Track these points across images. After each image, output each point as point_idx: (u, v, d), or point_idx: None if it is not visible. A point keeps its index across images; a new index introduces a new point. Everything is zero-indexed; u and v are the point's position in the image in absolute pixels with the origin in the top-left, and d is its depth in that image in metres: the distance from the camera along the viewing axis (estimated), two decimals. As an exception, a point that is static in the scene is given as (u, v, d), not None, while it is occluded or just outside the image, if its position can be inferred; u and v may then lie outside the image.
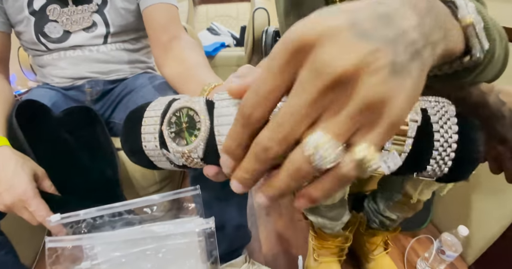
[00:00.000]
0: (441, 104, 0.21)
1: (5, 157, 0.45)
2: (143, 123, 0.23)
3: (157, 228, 0.47)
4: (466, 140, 0.20)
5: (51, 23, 0.62)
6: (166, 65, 0.52)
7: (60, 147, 0.56)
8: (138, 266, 0.50)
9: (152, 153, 0.23)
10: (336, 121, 0.14)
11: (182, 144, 0.22)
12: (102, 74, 0.69)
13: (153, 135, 0.23)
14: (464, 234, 0.70)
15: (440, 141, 0.19)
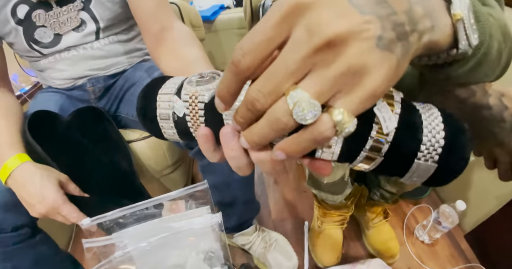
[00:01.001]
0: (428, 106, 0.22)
1: (30, 172, 0.49)
2: (168, 81, 0.25)
3: (175, 224, 0.53)
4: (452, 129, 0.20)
5: (40, 28, 0.61)
6: (162, 59, 0.51)
7: (75, 149, 0.60)
8: (160, 250, 0.57)
9: (163, 98, 0.24)
10: (319, 80, 0.15)
11: (195, 86, 0.23)
12: (101, 70, 0.70)
13: (174, 84, 0.24)
14: (461, 209, 0.74)
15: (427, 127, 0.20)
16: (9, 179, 0.50)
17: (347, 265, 0.79)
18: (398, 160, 0.20)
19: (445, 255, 0.83)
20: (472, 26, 0.23)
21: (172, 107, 0.24)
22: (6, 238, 0.53)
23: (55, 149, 0.54)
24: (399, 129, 0.20)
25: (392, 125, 0.19)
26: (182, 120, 0.24)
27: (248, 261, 0.90)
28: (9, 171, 0.49)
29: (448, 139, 0.20)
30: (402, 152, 0.20)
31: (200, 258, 0.62)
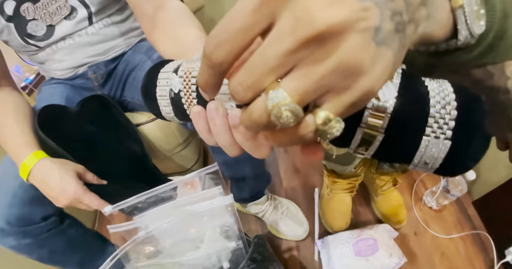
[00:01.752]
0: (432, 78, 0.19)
1: (48, 168, 0.51)
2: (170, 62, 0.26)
3: (190, 207, 0.56)
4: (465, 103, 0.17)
5: (32, 22, 0.58)
6: (159, 43, 0.48)
7: (87, 139, 0.61)
8: (179, 228, 0.62)
9: (162, 76, 0.24)
10: (303, 79, 0.13)
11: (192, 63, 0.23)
12: (100, 55, 0.68)
13: (175, 63, 0.25)
14: (471, 178, 0.74)
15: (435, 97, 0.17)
16: (30, 177, 0.52)
17: (356, 230, 0.84)
18: (403, 138, 0.17)
19: (452, 221, 0.86)
20: (476, 13, 0.20)
21: (170, 84, 0.24)
22: (38, 228, 0.58)
23: (68, 141, 0.56)
24: (400, 100, 0.17)
25: (391, 93, 0.17)
26: (177, 97, 0.24)
27: (261, 227, 0.96)
28: (28, 170, 0.52)
29: (462, 109, 0.16)
30: (406, 128, 0.17)
31: (216, 232, 0.66)
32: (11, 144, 0.54)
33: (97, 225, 1.09)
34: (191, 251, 0.64)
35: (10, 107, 0.57)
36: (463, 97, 0.17)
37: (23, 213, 0.56)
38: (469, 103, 0.17)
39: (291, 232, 0.90)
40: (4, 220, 0.54)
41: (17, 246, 0.57)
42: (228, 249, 0.58)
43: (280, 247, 0.91)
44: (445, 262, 0.80)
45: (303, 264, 0.86)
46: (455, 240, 0.83)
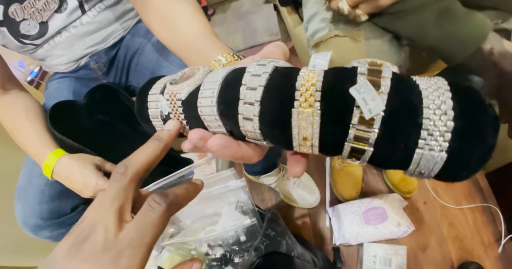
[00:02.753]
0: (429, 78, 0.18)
1: (68, 164, 0.53)
2: (156, 82, 0.27)
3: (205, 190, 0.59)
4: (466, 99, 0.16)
5: (23, 22, 0.55)
6: (155, 29, 0.45)
7: (100, 129, 0.62)
8: (197, 207, 0.66)
9: (151, 98, 0.26)
10: None
11: (174, 84, 0.24)
12: (99, 44, 0.65)
13: (161, 84, 0.26)
14: None
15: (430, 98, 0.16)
16: (54, 175, 0.55)
17: (366, 199, 0.87)
18: (395, 151, 0.17)
19: (463, 192, 0.87)
20: None
21: (160, 106, 0.25)
22: (69, 218, 0.62)
23: (82, 135, 0.57)
24: (389, 111, 0.16)
25: (378, 108, 0.16)
26: (168, 118, 0.25)
27: (274, 196, 1.01)
28: (51, 169, 0.54)
29: (461, 119, 0.15)
30: (397, 141, 0.16)
31: (232, 208, 0.70)
32: (29, 146, 0.56)
33: None
34: (210, 226, 0.69)
35: (21, 110, 0.58)
36: (464, 104, 0.15)
37: (53, 207, 0.60)
38: (470, 111, 0.15)
39: (303, 201, 0.95)
40: (38, 217, 0.59)
41: (53, 236, 0.61)
42: (244, 226, 0.62)
43: (293, 214, 0.96)
44: (453, 231, 0.83)
45: (315, 230, 0.92)
46: (465, 211, 0.85)
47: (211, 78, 0.22)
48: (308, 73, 0.18)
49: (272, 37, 1.47)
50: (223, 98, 0.21)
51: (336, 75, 0.18)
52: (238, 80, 0.20)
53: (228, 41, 1.54)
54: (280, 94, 0.18)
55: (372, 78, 0.16)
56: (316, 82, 0.17)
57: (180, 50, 0.40)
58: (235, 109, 0.20)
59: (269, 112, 0.19)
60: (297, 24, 0.82)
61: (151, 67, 0.65)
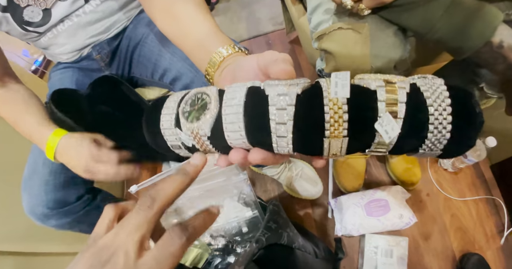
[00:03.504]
0: (429, 78, 0.22)
1: (70, 143, 0.53)
2: (164, 106, 0.26)
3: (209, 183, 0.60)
4: (460, 104, 0.20)
5: (27, 9, 0.55)
6: (158, 20, 0.44)
7: (104, 120, 0.63)
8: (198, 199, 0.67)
9: (167, 133, 0.25)
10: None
11: (192, 122, 0.24)
12: (102, 33, 0.65)
13: (171, 115, 0.25)
14: (491, 145, 0.71)
15: (433, 106, 0.20)
16: (57, 155, 0.55)
17: (368, 191, 0.87)
18: (404, 150, 0.22)
19: (467, 184, 0.87)
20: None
21: (179, 139, 0.25)
22: (74, 207, 0.64)
23: (84, 125, 0.58)
24: (402, 130, 0.20)
25: (395, 133, 0.20)
26: (194, 148, 0.26)
27: (277, 187, 1.02)
28: (53, 149, 0.54)
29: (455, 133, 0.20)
30: (406, 147, 0.22)
31: (234, 200, 0.71)
32: (33, 134, 0.56)
33: (126, 193, 1.20)
34: (212, 217, 0.70)
35: (19, 101, 0.58)
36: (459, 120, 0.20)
37: (59, 196, 0.61)
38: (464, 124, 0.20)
39: (306, 192, 0.95)
40: (44, 206, 0.60)
41: (59, 225, 0.64)
42: (246, 218, 0.63)
43: (295, 205, 0.97)
44: (456, 222, 0.83)
45: (317, 221, 0.93)
46: (468, 202, 0.85)
47: (229, 108, 0.22)
48: (333, 104, 0.20)
49: (276, 26, 1.44)
50: (252, 132, 0.22)
51: (359, 106, 0.20)
52: (263, 114, 0.21)
53: (232, 31, 1.52)
54: (310, 126, 0.21)
55: (391, 107, 0.20)
56: (342, 115, 0.20)
57: (182, 42, 0.40)
58: (269, 139, 0.22)
59: (301, 141, 0.21)
60: (302, 15, 0.80)
61: (153, 58, 0.65)
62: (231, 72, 0.29)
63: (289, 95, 0.21)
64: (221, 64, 0.32)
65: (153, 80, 0.69)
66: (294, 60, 1.30)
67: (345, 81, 0.20)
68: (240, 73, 0.27)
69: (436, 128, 0.20)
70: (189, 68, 0.60)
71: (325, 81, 0.22)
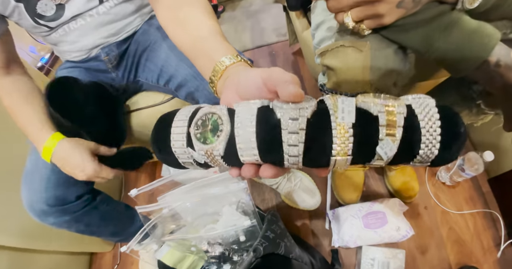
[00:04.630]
0: (422, 99, 0.24)
1: (67, 149, 0.56)
2: (172, 125, 0.27)
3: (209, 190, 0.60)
4: (448, 125, 0.23)
5: (41, 1, 0.56)
6: (167, 26, 0.46)
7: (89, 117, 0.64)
8: (199, 205, 0.67)
9: (179, 151, 0.26)
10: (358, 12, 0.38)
11: (206, 143, 0.25)
12: (113, 35, 0.66)
13: (181, 135, 0.26)
14: (489, 160, 0.72)
15: (425, 127, 0.23)
16: (53, 158, 0.57)
17: (366, 203, 0.87)
18: (398, 163, 0.25)
19: (464, 197, 0.87)
20: None
21: (191, 157, 0.26)
22: (74, 206, 0.65)
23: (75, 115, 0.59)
24: (399, 150, 0.23)
25: (392, 153, 0.23)
26: (206, 164, 0.27)
27: (275, 196, 1.02)
28: (50, 152, 0.56)
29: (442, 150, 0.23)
30: (400, 161, 0.24)
31: (233, 207, 0.71)
32: (29, 129, 0.58)
33: (123, 195, 1.19)
34: (210, 224, 0.70)
35: (22, 92, 0.60)
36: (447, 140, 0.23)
37: (59, 194, 0.62)
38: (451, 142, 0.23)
39: (304, 203, 0.95)
40: (44, 203, 0.61)
41: (57, 222, 0.64)
42: (244, 227, 0.63)
43: (293, 215, 0.97)
44: (452, 236, 0.83)
45: (315, 231, 0.93)
46: (465, 216, 0.85)
47: (242, 130, 0.24)
48: (340, 128, 0.22)
49: (280, 37, 1.47)
50: (265, 152, 0.24)
51: (363, 130, 0.23)
52: (276, 137, 0.23)
53: (236, 40, 1.55)
54: (320, 147, 0.23)
55: (390, 131, 0.22)
56: (348, 138, 0.22)
57: (188, 49, 0.41)
58: (281, 158, 0.24)
59: (310, 160, 0.24)
60: (305, 28, 0.82)
61: (160, 64, 0.66)
62: (235, 84, 0.29)
63: (300, 120, 0.23)
64: (224, 73, 0.33)
65: (158, 85, 0.70)
66: (296, 72, 1.33)
67: (351, 108, 0.23)
68: (243, 88, 0.28)
69: (427, 146, 0.23)
70: (195, 75, 0.61)
71: (330, 102, 0.24)
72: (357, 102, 0.24)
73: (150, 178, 1.20)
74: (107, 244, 1.08)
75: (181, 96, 0.67)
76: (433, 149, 0.23)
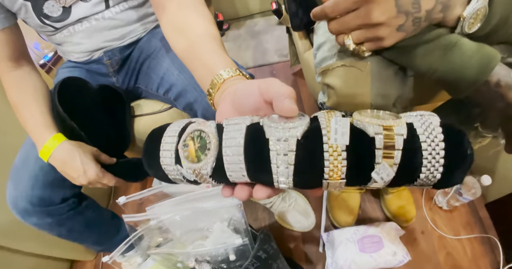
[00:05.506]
0: (425, 117, 0.22)
1: (69, 151, 0.55)
2: (162, 141, 0.26)
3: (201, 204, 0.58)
4: (453, 147, 0.21)
5: (48, 2, 0.58)
6: (169, 36, 0.46)
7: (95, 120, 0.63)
8: (189, 219, 0.64)
9: (168, 168, 0.26)
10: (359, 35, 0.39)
11: (194, 161, 0.24)
12: (117, 40, 0.67)
13: (170, 152, 0.25)
14: (486, 184, 0.71)
15: (428, 150, 0.21)
16: (51, 158, 0.56)
17: (362, 226, 0.85)
18: (396, 186, 0.24)
19: (461, 222, 0.85)
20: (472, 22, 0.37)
21: (181, 174, 0.26)
22: (58, 209, 0.62)
23: (82, 118, 0.58)
24: (397, 174, 0.21)
25: (390, 178, 0.21)
26: (195, 181, 0.27)
27: (269, 216, 0.99)
28: (50, 152, 0.56)
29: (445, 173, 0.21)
30: (399, 184, 0.23)
31: (224, 224, 0.69)
32: (31, 124, 0.57)
33: (112, 202, 1.15)
34: (199, 240, 0.67)
35: (30, 88, 0.60)
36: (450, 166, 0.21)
37: (44, 195, 0.60)
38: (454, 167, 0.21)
39: (298, 224, 0.92)
40: (28, 201, 0.59)
41: (39, 224, 0.62)
42: (235, 245, 0.60)
43: (286, 237, 0.93)
44: (450, 261, 0.81)
45: (308, 254, 0.89)
46: (463, 241, 0.83)
47: (230, 149, 0.23)
48: (332, 150, 0.21)
49: (281, 58, 1.50)
50: (254, 173, 0.23)
51: (357, 153, 0.21)
52: (264, 158, 0.22)
53: (239, 58, 1.58)
54: (311, 171, 0.22)
55: (387, 154, 0.21)
56: (341, 161, 0.21)
57: (189, 60, 0.41)
58: (270, 178, 0.23)
59: (301, 182, 0.23)
60: (307, 49, 0.84)
61: (161, 72, 0.67)
62: (232, 95, 0.29)
63: (289, 141, 0.22)
64: (221, 86, 0.33)
65: (158, 94, 0.70)
66: (296, 92, 1.34)
67: (345, 129, 0.21)
68: (240, 97, 0.28)
69: (429, 170, 0.21)
70: (195, 86, 0.61)
71: (324, 120, 0.22)
72: (353, 120, 0.22)
73: (141, 186, 1.17)
74: (89, 253, 1.03)
75: (180, 106, 0.67)
76: (435, 173, 0.21)
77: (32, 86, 0.61)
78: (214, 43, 0.40)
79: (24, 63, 0.63)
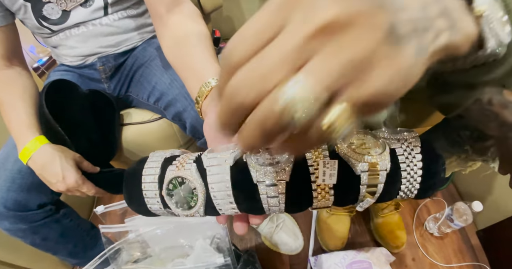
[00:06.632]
0: (408, 142, 0.24)
1: (49, 154, 0.52)
2: (142, 188, 0.25)
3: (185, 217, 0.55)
4: (430, 175, 0.23)
5: (48, 4, 0.59)
6: (164, 46, 0.46)
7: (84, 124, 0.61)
8: (169, 235, 0.61)
9: (159, 212, 0.26)
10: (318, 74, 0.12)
11: (185, 208, 0.25)
12: (112, 47, 0.67)
13: (155, 199, 0.25)
14: (477, 210, 0.71)
15: (407, 178, 0.23)
16: (30, 161, 0.54)
17: (351, 251, 0.81)
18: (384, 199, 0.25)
19: (453, 249, 0.83)
20: (501, 19, 0.19)
21: (172, 213, 0.26)
22: (33, 215, 0.59)
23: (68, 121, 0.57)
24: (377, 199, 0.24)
25: (370, 204, 0.24)
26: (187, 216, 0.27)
27: (255, 237, 0.94)
28: (30, 154, 0.53)
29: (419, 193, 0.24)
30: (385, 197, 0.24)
31: (207, 242, 0.65)
32: (14, 124, 0.55)
33: (93, 214, 1.09)
34: (179, 259, 0.62)
35: (19, 87, 0.59)
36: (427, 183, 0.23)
37: (20, 198, 0.57)
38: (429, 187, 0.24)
39: (285, 246, 0.88)
40: (2, 204, 0.56)
41: (12, 229, 0.58)
42: (216, 264, 0.56)
43: (272, 259, 0.89)
44: (441, 290, 0.77)
45: (294, 279, 0.84)
46: (454, 269, 0.80)
47: (219, 196, 0.24)
48: (320, 189, 0.23)
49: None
50: (246, 211, 0.25)
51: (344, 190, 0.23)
52: (255, 200, 0.23)
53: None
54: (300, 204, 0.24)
55: (371, 188, 0.23)
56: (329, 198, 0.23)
57: (181, 70, 0.41)
58: (262, 212, 0.25)
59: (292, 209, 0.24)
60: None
61: (153, 81, 0.66)
62: None
63: (279, 186, 0.23)
64: (209, 93, 0.33)
65: (148, 102, 0.69)
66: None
67: (333, 171, 0.22)
68: None
69: (405, 193, 0.24)
70: (185, 95, 0.61)
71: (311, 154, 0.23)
72: (338, 150, 0.23)
73: (123, 197, 1.11)
74: (63, 265, 0.95)
75: (169, 116, 0.66)
76: (410, 195, 0.24)
77: (22, 86, 0.60)
78: (207, 53, 0.40)
79: (16, 63, 0.62)
